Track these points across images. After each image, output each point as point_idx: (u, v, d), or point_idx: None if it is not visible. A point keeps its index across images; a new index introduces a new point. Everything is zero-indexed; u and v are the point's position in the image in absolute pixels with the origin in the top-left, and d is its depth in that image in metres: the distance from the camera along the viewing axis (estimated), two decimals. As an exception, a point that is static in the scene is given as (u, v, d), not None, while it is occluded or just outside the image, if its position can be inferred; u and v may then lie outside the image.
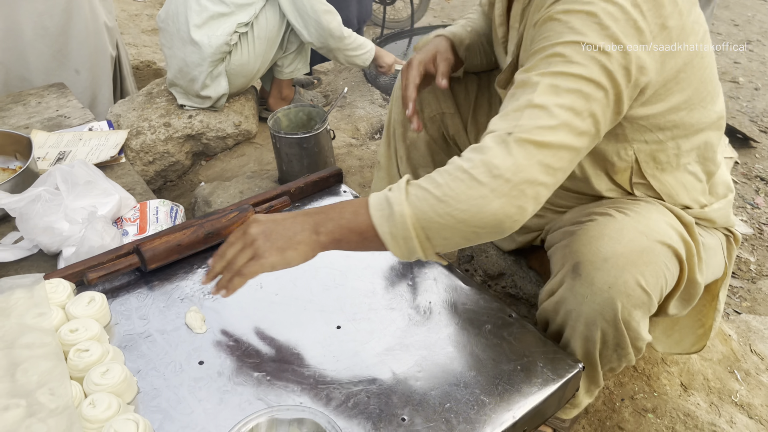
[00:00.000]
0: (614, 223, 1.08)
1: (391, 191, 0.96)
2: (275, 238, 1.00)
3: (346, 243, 1.00)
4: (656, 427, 1.53)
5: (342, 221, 0.99)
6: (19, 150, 1.86)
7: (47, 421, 0.88)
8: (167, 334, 1.12)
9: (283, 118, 2.05)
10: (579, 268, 1.05)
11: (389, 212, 0.94)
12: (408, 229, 0.93)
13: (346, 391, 1.03)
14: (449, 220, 0.91)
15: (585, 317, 1.07)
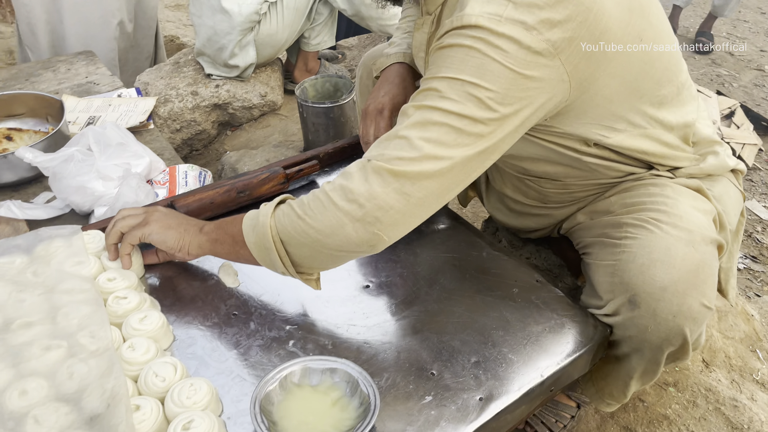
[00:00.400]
0: (658, 240, 1.04)
1: (265, 206, 1.02)
2: (168, 216, 1.13)
3: (221, 245, 1.08)
4: (677, 400, 1.54)
5: (222, 225, 1.08)
6: (50, 113, 1.89)
7: (88, 362, 0.90)
8: (201, 287, 1.14)
9: (310, 88, 2.06)
10: (636, 300, 1.03)
11: (255, 222, 1.00)
12: (269, 239, 0.98)
13: (376, 346, 1.04)
14: (306, 239, 0.95)
15: (650, 344, 1.05)
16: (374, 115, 1.26)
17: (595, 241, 1.17)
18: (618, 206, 1.17)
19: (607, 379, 1.22)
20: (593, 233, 1.20)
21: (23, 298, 1.00)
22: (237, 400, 0.94)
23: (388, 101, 1.26)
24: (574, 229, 1.28)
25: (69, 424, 0.82)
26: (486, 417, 0.94)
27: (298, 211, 0.96)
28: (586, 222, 1.24)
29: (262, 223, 0.98)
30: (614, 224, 1.13)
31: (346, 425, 0.89)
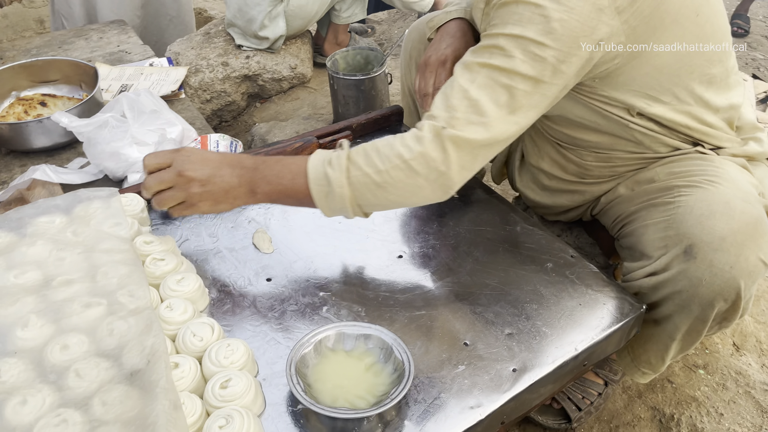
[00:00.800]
0: (716, 195, 1.04)
1: (331, 167, 0.99)
2: (212, 187, 1.02)
3: (282, 203, 1.06)
4: (706, 382, 1.52)
5: (280, 186, 1.03)
6: (84, 80, 1.90)
7: (128, 320, 0.92)
8: (236, 252, 1.15)
9: (341, 61, 2.04)
10: (692, 250, 1.01)
11: (329, 190, 1.00)
12: (346, 207, 1.01)
13: (409, 315, 1.05)
14: (384, 201, 1.01)
15: (701, 299, 1.03)
16: (436, 66, 1.24)
17: (640, 207, 1.16)
18: (664, 175, 1.15)
19: (645, 345, 1.20)
20: (637, 201, 1.18)
21: (63, 256, 1.01)
22: (272, 362, 0.95)
23: (450, 53, 1.24)
24: (613, 203, 1.26)
25: (110, 378, 0.84)
26: (520, 387, 0.94)
27: (376, 179, 0.98)
28: (627, 194, 1.23)
29: (340, 194, 0.99)
30: (663, 188, 1.13)
31: (380, 390, 0.89)
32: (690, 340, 1.13)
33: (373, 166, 0.98)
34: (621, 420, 1.45)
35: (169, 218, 1.23)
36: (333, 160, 1.00)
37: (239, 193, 1.04)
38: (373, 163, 0.98)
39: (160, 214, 1.23)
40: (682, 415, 1.46)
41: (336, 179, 0.99)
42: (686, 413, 1.46)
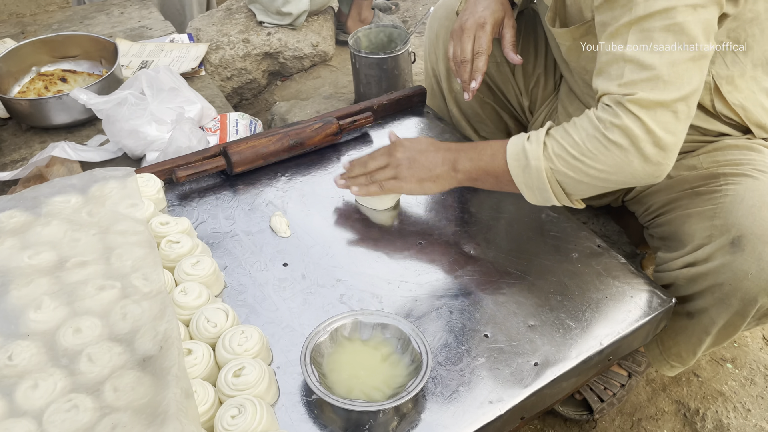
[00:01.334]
0: (766, 186, 0.99)
1: (529, 142, 0.98)
2: (417, 167, 1.09)
3: (482, 182, 1.07)
4: (734, 377, 1.48)
5: (480, 162, 1.05)
6: (104, 56, 1.89)
7: (141, 303, 0.90)
8: (252, 236, 1.13)
9: (364, 38, 1.99)
10: (741, 242, 0.97)
11: (525, 164, 0.98)
12: (543, 181, 0.97)
13: (428, 304, 1.02)
14: (586, 177, 0.95)
15: (744, 293, 0.99)
16: (474, 29, 1.18)
17: (681, 195, 1.11)
18: (708, 163, 1.10)
19: (676, 337, 1.16)
20: (677, 189, 1.13)
21: (78, 237, 1.00)
22: (287, 350, 0.93)
23: (489, 15, 1.18)
24: (650, 190, 1.20)
25: (122, 363, 0.83)
26: (541, 383, 0.91)
27: (573, 152, 0.94)
28: (665, 181, 1.17)
29: (536, 167, 0.97)
30: (707, 176, 1.08)
31: (397, 382, 0.87)
32: (725, 334, 1.09)
33: (570, 138, 0.95)
34: (644, 413, 1.42)
35: (185, 199, 1.21)
36: (532, 135, 0.99)
37: (442, 171, 1.07)
38: (569, 135, 0.95)
39: (177, 195, 1.21)
40: (707, 409, 1.41)
41: (532, 151, 0.97)
42: (712, 408, 1.42)
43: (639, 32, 0.89)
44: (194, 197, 1.21)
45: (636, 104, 0.89)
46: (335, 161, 1.31)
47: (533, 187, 0.99)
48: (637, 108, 0.89)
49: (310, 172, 1.28)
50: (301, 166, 1.29)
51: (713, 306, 1.03)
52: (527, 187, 1.00)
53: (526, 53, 1.38)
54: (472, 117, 1.52)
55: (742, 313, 1.01)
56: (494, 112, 1.51)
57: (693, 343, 1.13)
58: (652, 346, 1.21)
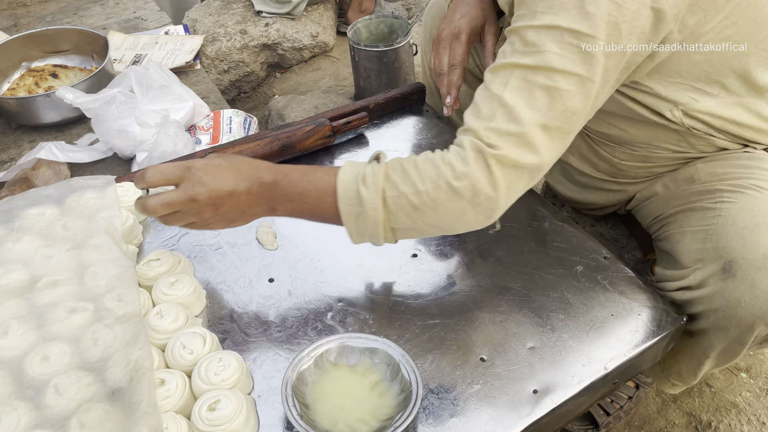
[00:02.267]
0: (763, 205, 0.92)
1: (365, 186, 0.86)
2: (226, 211, 0.89)
3: (305, 219, 0.94)
4: (748, 387, 1.41)
5: (304, 205, 0.91)
6: (96, 50, 1.83)
7: (114, 328, 0.85)
8: (238, 248, 1.07)
9: (363, 30, 1.91)
10: (732, 267, 0.90)
11: (359, 211, 0.87)
12: (378, 231, 0.88)
13: (421, 323, 0.96)
14: (422, 226, 0.88)
15: (739, 321, 0.92)
16: (449, 40, 1.10)
17: (678, 209, 1.05)
18: (705, 175, 1.03)
19: (677, 356, 1.10)
20: (674, 203, 1.07)
21: (51, 254, 0.95)
22: (269, 377, 0.88)
23: (465, 24, 1.10)
24: (649, 201, 1.14)
25: (90, 396, 0.77)
26: (540, 412, 0.85)
27: (414, 202, 0.85)
28: (664, 193, 1.10)
29: (373, 217, 0.87)
30: (703, 191, 1.01)
31: (384, 413, 0.81)
32: (726, 358, 1.02)
33: (412, 186, 0.85)
34: (653, 426, 1.36)
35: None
36: (368, 178, 0.87)
37: (257, 211, 0.92)
38: (411, 182, 0.85)
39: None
40: (720, 422, 1.35)
41: (370, 200, 0.86)
42: (725, 420, 1.35)
43: (522, 80, 0.82)
44: (178, 206, 1.15)
45: (496, 160, 0.82)
46: (328, 165, 1.25)
47: (365, 234, 0.89)
48: (495, 164, 0.82)
49: (301, 178, 1.21)
50: (292, 171, 1.23)
51: (712, 329, 0.97)
52: (357, 233, 0.90)
53: None
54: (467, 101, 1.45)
55: (740, 340, 0.95)
56: None
57: (693, 365, 1.07)
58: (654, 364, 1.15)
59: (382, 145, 1.30)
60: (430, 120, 1.36)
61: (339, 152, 1.28)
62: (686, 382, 1.15)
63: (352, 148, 1.29)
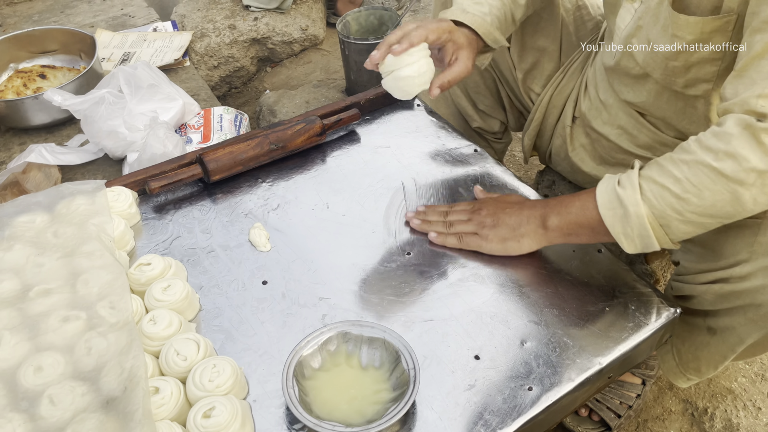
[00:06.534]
0: None
1: (621, 187, 0.88)
2: (502, 226, 1.02)
3: (576, 237, 0.98)
4: (744, 373, 1.42)
5: (569, 216, 0.96)
6: (83, 50, 1.81)
7: (107, 336, 0.85)
8: (230, 251, 1.06)
9: (353, 23, 1.90)
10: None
11: (623, 212, 0.88)
12: (645, 228, 0.87)
13: (415, 323, 0.96)
14: (691, 216, 0.85)
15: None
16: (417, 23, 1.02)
17: None
18: None
19: (697, 352, 1.09)
20: None
21: (42, 262, 0.94)
22: (264, 381, 0.88)
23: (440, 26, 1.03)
24: None
25: (85, 406, 0.77)
26: (535, 410, 0.85)
27: (675, 190, 0.84)
28: None
29: (636, 213, 0.87)
30: None
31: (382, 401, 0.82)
32: (752, 352, 1.02)
33: (669, 176, 0.84)
34: (650, 413, 1.37)
35: (161, 212, 1.14)
36: (623, 180, 0.89)
37: (528, 229, 1.00)
38: (668, 172, 0.84)
39: (152, 207, 1.15)
40: (716, 408, 1.36)
41: (629, 197, 0.86)
42: (721, 407, 1.36)
43: None
44: (170, 209, 1.14)
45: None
46: (320, 163, 1.24)
47: (633, 236, 0.89)
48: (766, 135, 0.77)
49: (293, 177, 1.21)
50: (284, 170, 1.22)
51: (743, 325, 0.96)
52: (626, 237, 0.90)
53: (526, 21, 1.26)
54: (471, 87, 1.44)
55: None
56: (494, 83, 1.43)
57: (716, 360, 1.07)
58: (668, 357, 1.15)
59: (374, 141, 1.29)
60: (422, 116, 1.36)
61: (330, 149, 1.28)
62: (703, 376, 1.14)
63: (344, 145, 1.28)
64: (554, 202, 0.99)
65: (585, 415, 1.27)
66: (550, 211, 0.98)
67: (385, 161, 1.15)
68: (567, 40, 1.29)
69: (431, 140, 1.28)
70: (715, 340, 1.03)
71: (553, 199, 1.01)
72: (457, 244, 1.05)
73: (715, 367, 1.09)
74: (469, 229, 1.04)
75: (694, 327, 1.05)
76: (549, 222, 0.98)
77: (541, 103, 1.33)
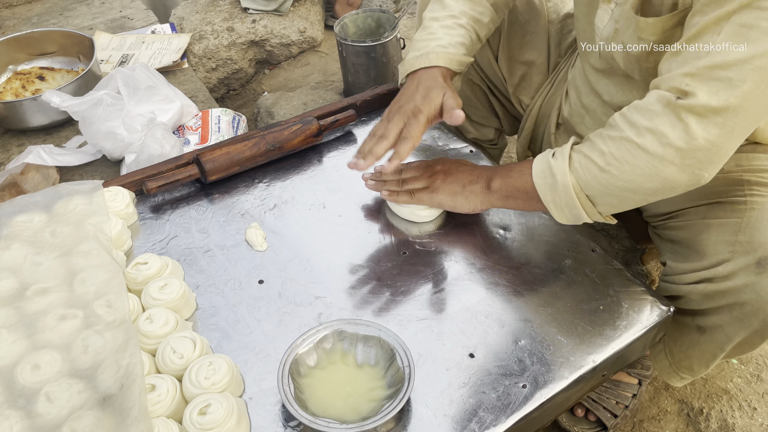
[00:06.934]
0: None
1: (554, 158, 0.94)
2: (452, 180, 1.07)
3: (513, 201, 1.02)
4: (740, 373, 1.42)
5: (510, 180, 1.01)
6: (82, 51, 1.82)
7: (104, 334, 0.85)
8: (227, 250, 1.07)
9: (351, 25, 1.91)
10: (766, 262, 0.90)
11: (552, 181, 0.93)
12: (573, 198, 0.92)
13: (411, 321, 0.96)
14: (615, 190, 0.89)
15: (766, 314, 0.92)
16: (407, 115, 1.03)
17: (700, 200, 1.03)
18: (730, 166, 1.00)
19: (688, 351, 1.10)
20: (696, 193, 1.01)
21: (39, 261, 0.95)
22: (260, 379, 0.88)
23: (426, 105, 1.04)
24: None
25: (81, 403, 0.78)
26: (529, 407, 0.85)
27: (599, 163, 0.88)
28: None
29: (563, 182, 0.92)
30: (730, 182, 0.99)
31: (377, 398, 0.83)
32: (741, 350, 1.03)
33: (596, 149, 0.88)
34: (646, 414, 1.37)
35: (158, 212, 1.15)
36: (557, 152, 0.94)
37: (476, 187, 1.05)
38: (596, 147, 0.89)
39: (149, 207, 1.16)
40: (711, 409, 1.36)
41: (558, 167, 0.92)
42: (716, 407, 1.37)
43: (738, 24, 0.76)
44: (167, 209, 1.15)
45: (689, 111, 0.79)
46: (316, 164, 1.25)
47: (562, 204, 0.94)
48: (689, 115, 0.79)
49: (290, 177, 1.22)
50: (280, 170, 1.23)
51: (730, 324, 0.97)
52: (555, 206, 0.95)
53: (511, 37, 1.29)
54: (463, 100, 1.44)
55: (761, 333, 0.95)
56: (484, 95, 1.44)
57: (707, 358, 1.07)
58: (661, 357, 1.15)
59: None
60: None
61: (327, 150, 1.28)
62: (696, 375, 1.15)
63: (340, 146, 1.29)
64: (501, 167, 1.06)
65: (581, 416, 1.27)
66: (495, 174, 1.04)
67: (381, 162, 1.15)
68: (554, 51, 1.30)
69: (427, 141, 1.29)
70: (704, 338, 1.03)
71: (501, 165, 1.08)
72: (409, 201, 1.08)
73: (706, 366, 1.09)
74: (420, 185, 1.08)
75: (684, 326, 1.05)
76: (493, 183, 1.03)
77: (531, 112, 1.35)
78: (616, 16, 0.99)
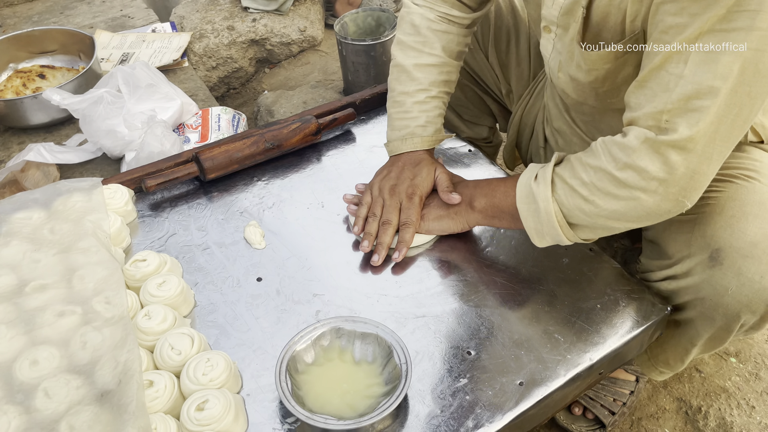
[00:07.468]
0: (751, 194, 0.91)
1: (536, 183, 0.92)
2: (434, 205, 1.07)
3: (498, 221, 1.01)
4: (738, 372, 1.43)
5: (494, 200, 1.00)
6: (82, 50, 1.82)
7: (102, 330, 0.85)
8: (225, 248, 1.07)
9: (351, 24, 1.91)
10: (719, 255, 0.90)
11: (535, 207, 0.92)
12: (556, 227, 0.91)
13: (409, 319, 0.96)
14: (598, 219, 0.88)
15: (725, 309, 0.92)
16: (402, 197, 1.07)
17: None
18: None
19: (663, 345, 1.11)
20: None
21: (38, 258, 0.95)
22: (257, 375, 0.89)
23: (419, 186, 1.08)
24: None
25: (79, 399, 0.78)
26: (526, 405, 0.86)
27: (582, 193, 0.87)
28: None
29: (545, 209, 0.90)
30: None
31: (373, 395, 0.83)
32: (712, 345, 1.03)
33: (578, 178, 0.87)
34: (644, 412, 1.37)
35: (157, 209, 1.16)
36: (539, 174, 0.92)
37: (459, 208, 1.05)
38: (577, 175, 0.87)
39: (148, 205, 1.16)
40: (710, 407, 1.37)
41: (540, 193, 0.90)
42: (715, 405, 1.37)
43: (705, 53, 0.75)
44: (166, 207, 1.16)
45: (669, 146, 0.79)
46: (315, 162, 1.25)
47: (543, 232, 0.92)
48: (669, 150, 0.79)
49: (289, 176, 1.22)
50: (279, 169, 1.23)
51: (698, 318, 0.98)
52: (537, 233, 0.93)
53: (498, 41, 1.30)
54: (454, 101, 1.45)
55: (726, 328, 0.96)
56: (476, 95, 1.44)
57: (680, 352, 1.08)
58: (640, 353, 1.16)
59: (369, 141, 1.30)
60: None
61: (326, 149, 1.29)
62: (673, 369, 1.16)
63: (339, 145, 1.29)
64: (484, 184, 1.04)
65: (579, 414, 1.28)
66: (478, 193, 1.03)
67: (380, 161, 1.16)
68: (534, 60, 1.30)
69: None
70: (677, 333, 1.04)
71: (483, 181, 1.05)
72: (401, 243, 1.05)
73: (681, 360, 1.10)
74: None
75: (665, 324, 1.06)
76: (476, 203, 1.02)
77: (513, 121, 1.36)
78: (559, 48, 0.98)
